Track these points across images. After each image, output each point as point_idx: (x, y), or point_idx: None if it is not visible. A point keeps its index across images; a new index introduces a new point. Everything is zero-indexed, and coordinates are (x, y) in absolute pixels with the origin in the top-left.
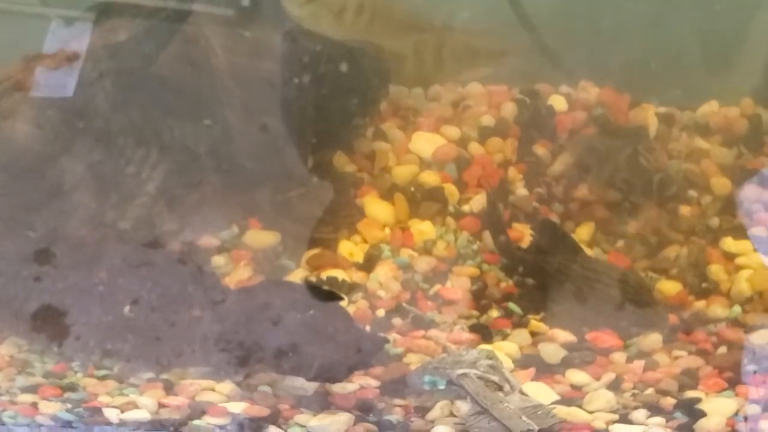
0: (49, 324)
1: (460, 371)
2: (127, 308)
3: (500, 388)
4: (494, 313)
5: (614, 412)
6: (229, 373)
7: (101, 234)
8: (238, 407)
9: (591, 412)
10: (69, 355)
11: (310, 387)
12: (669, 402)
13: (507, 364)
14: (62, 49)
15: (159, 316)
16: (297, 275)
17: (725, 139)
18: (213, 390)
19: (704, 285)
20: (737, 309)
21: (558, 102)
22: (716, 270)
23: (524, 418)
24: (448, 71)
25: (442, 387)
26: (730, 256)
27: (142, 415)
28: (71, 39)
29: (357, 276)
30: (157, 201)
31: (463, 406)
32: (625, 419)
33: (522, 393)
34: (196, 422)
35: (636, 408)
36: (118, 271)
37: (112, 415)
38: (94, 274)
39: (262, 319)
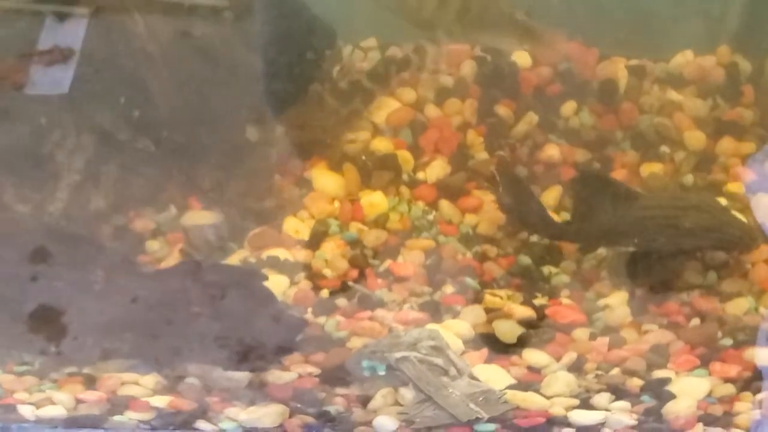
0: None
1: (399, 354)
2: None
3: (445, 372)
4: (448, 289)
5: (575, 396)
6: (147, 363)
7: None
8: (163, 401)
9: (549, 398)
10: None
11: (242, 378)
12: (636, 384)
13: (455, 345)
14: (57, 45)
15: (66, 304)
16: (238, 256)
17: (700, 91)
18: (137, 384)
19: None
20: (712, 276)
21: (522, 58)
22: None
23: (472, 405)
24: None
25: (382, 373)
26: None
27: (58, 411)
28: (66, 35)
29: (301, 254)
30: (86, 183)
31: (408, 394)
32: (586, 404)
33: (471, 377)
34: (117, 418)
35: (599, 391)
36: (33, 258)
37: (27, 412)
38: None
39: (175, 303)
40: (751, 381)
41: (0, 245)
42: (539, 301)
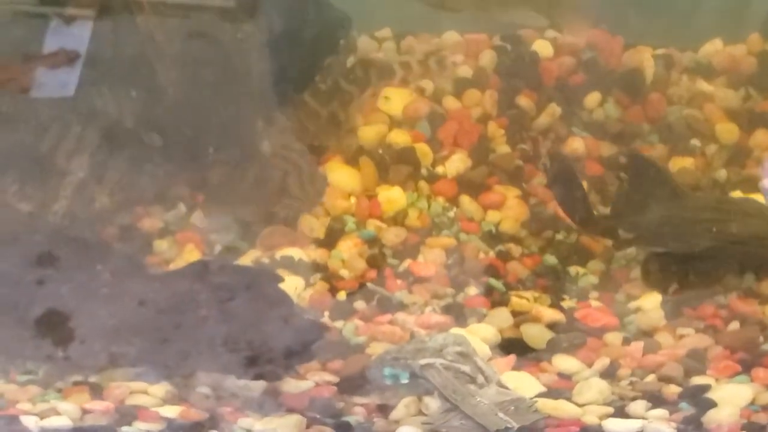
0: None
1: (423, 361)
2: None
3: (473, 380)
4: (471, 290)
5: (608, 404)
6: (155, 369)
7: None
8: (173, 411)
9: (581, 405)
10: None
11: (256, 387)
12: (673, 391)
13: (482, 350)
14: (63, 48)
15: (71, 309)
16: (250, 256)
17: (731, 81)
18: (146, 393)
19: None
20: (750, 278)
21: (543, 47)
22: None
23: (501, 414)
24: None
25: (405, 381)
26: None
27: (63, 422)
28: (72, 37)
29: (316, 254)
30: (92, 181)
31: (432, 403)
32: (621, 412)
33: (500, 385)
34: (125, 429)
35: (634, 399)
36: (37, 261)
37: (30, 423)
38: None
39: (184, 307)
40: None
41: (3, 246)
42: (567, 303)
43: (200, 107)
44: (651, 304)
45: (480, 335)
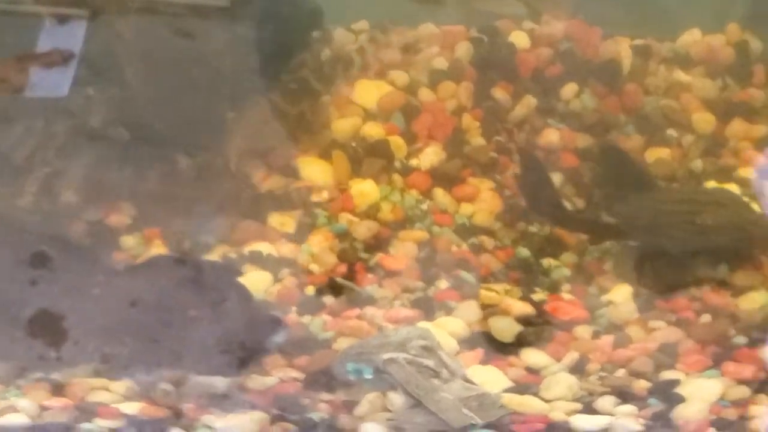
0: None
1: (386, 356)
2: None
3: (437, 375)
4: (442, 284)
5: (577, 400)
6: (113, 363)
7: None
8: (133, 408)
9: (549, 401)
10: None
11: (221, 384)
12: (642, 386)
13: (449, 344)
14: (56, 48)
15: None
16: (219, 252)
17: (709, 71)
18: (106, 389)
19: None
20: (723, 269)
21: (520, 39)
22: None
23: (465, 410)
24: None
25: (369, 376)
26: None
27: (20, 419)
28: (66, 37)
29: (286, 248)
30: (59, 176)
31: (397, 399)
32: (589, 408)
33: (465, 380)
34: (85, 426)
35: (603, 394)
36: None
37: None
38: None
39: (143, 301)
40: (766, 382)
41: None
42: (538, 296)
43: (170, 105)
44: (623, 296)
45: (448, 329)
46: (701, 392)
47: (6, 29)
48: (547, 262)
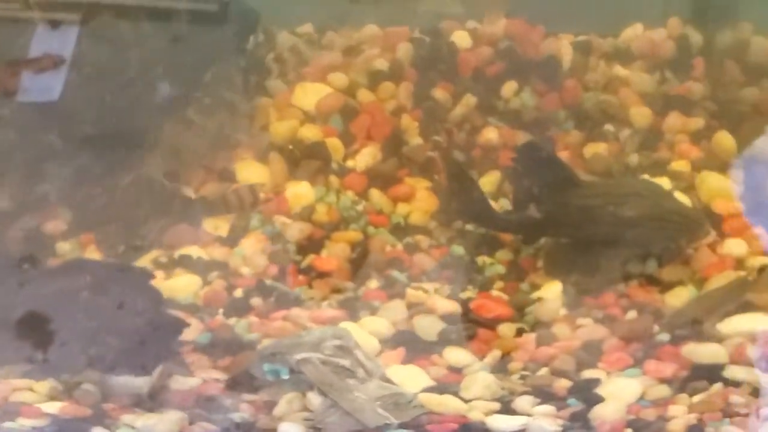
0: None
1: (299, 356)
2: None
3: (353, 374)
4: (373, 284)
5: (497, 399)
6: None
7: None
8: (56, 407)
9: (468, 401)
10: None
11: (143, 384)
12: (563, 385)
13: (371, 344)
14: (48, 53)
15: None
16: (150, 256)
17: (649, 65)
18: (30, 389)
19: None
20: (653, 264)
21: (461, 39)
22: None
23: (380, 410)
24: None
25: (286, 377)
26: None
27: None
28: (58, 42)
29: (218, 252)
30: None
31: (315, 399)
32: (508, 408)
33: (383, 379)
34: (8, 424)
35: (523, 394)
36: None
37: None
38: None
39: (55, 304)
40: (687, 381)
41: None
42: (468, 294)
43: (106, 112)
44: (552, 293)
45: (370, 328)
46: (620, 392)
47: None
48: (481, 260)
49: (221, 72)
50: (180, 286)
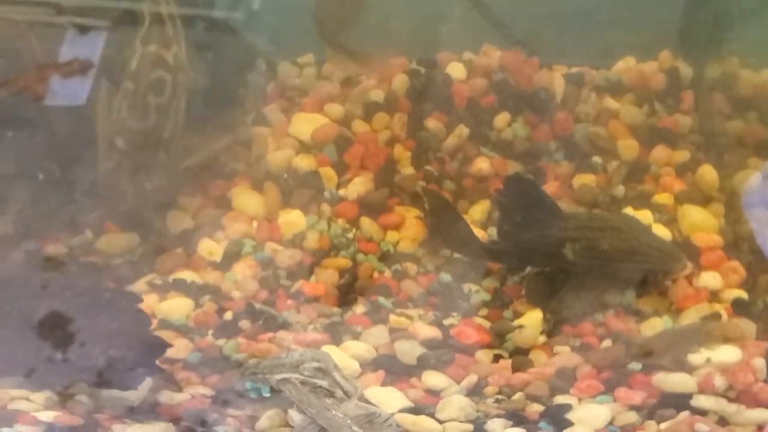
0: None
1: (279, 376)
2: None
3: (331, 394)
4: (359, 308)
5: (471, 421)
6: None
7: None
8: (50, 416)
9: (442, 422)
10: None
11: (133, 397)
12: (536, 410)
13: (351, 366)
14: (76, 58)
15: None
16: (146, 279)
17: (639, 97)
18: (27, 399)
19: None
20: (630, 294)
21: (456, 70)
22: None
23: (355, 428)
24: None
25: (267, 394)
26: None
27: None
28: (85, 47)
29: (211, 276)
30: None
31: (296, 416)
32: (481, 430)
33: (362, 399)
34: (5, 430)
35: (496, 417)
36: None
37: None
38: None
39: (48, 321)
40: (656, 408)
41: None
42: (450, 320)
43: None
44: (532, 321)
45: (352, 352)
46: (590, 417)
47: (30, 39)
48: (467, 287)
49: (222, 98)
50: (173, 308)
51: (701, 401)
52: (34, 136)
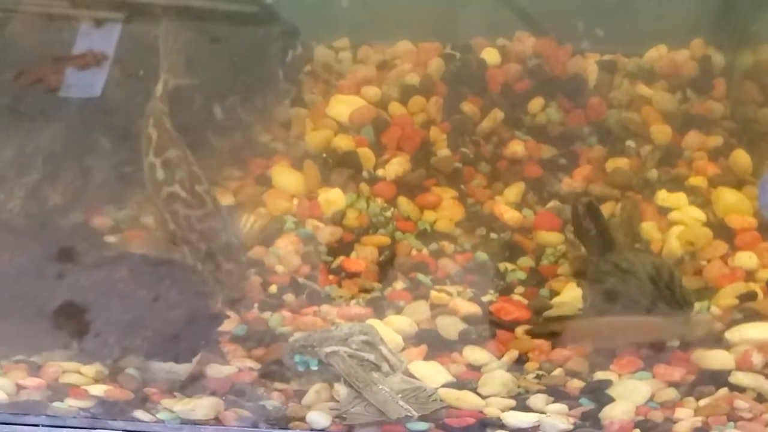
0: None
1: (328, 349)
2: None
3: (377, 368)
4: (398, 285)
5: (513, 397)
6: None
7: None
8: (101, 390)
9: (485, 397)
10: None
11: (182, 370)
12: (576, 386)
13: (395, 340)
14: (91, 50)
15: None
16: None
17: (672, 84)
18: (78, 372)
19: (636, 245)
20: None
21: (491, 55)
22: (649, 228)
23: (401, 402)
24: None
25: (315, 368)
26: (664, 211)
27: None
28: (101, 39)
29: (255, 251)
30: (47, 181)
31: (342, 389)
32: (523, 405)
33: (406, 374)
34: (57, 404)
35: (538, 392)
36: None
37: None
38: None
39: (107, 293)
40: (695, 385)
41: None
42: (488, 297)
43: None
44: (570, 296)
45: (395, 326)
46: (630, 393)
47: (46, 31)
48: (503, 266)
49: (261, 79)
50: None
51: (739, 378)
52: (83, 112)
